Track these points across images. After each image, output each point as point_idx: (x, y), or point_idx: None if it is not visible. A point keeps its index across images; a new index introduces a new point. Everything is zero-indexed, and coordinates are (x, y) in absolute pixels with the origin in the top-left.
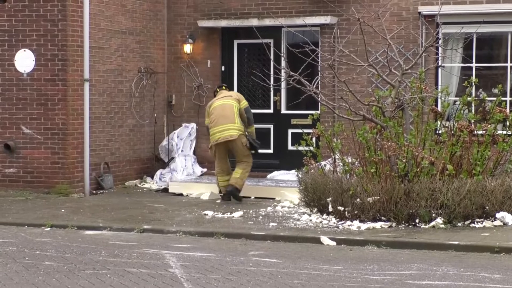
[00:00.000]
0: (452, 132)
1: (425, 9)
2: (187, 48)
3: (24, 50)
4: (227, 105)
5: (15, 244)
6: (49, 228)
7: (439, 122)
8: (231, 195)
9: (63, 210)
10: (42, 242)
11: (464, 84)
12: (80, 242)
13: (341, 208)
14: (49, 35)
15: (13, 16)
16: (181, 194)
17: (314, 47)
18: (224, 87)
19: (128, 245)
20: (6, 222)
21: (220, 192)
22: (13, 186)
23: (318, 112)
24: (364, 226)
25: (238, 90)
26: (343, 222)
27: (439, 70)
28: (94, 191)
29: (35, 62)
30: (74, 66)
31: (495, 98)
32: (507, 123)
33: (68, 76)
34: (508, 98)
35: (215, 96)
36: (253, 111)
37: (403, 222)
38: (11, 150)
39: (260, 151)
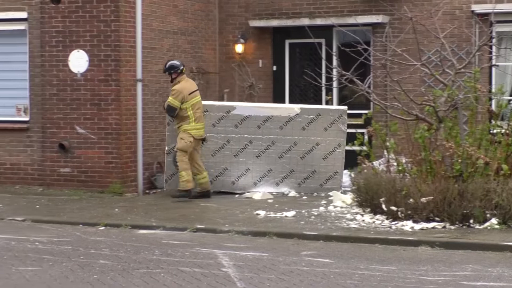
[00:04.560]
0: (507, 131)
1: (478, 8)
2: (239, 48)
3: (78, 51)
4: (201, 102)
5: (70, 243)
6: (103, 227)
7: (494, 122)
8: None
9: (116, 210)
10: (96, 241)
11: None
12: (134, 241)
13: (394, 208)
14: (102, 36)
15: (67, 17)
16: (232, 194)
17: (366, 46)
18: (184, 69)
19: (181, 244)
20: (61, 221)
21: (185, 190)
22: (67, 185)
23: (371, 111)
24: (417, 227)
25: (290, 90)
26: (396, 222)
27: (493, 69)
28: (147, 191)
29: (89, 62)
30: (127, 66)
31: None
32: None
33: (121, 76)
34: None
35: (179, 74)
36: None
37: (457, 222)
38: (65, 150)
39: None
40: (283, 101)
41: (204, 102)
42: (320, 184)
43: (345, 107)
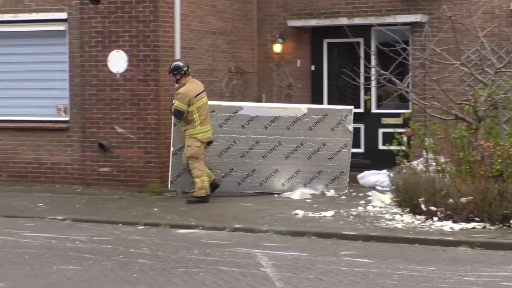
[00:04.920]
0: None
1: None
2: (277, 47)
3: (117, 51)
4: (208, 103)
5: (110, 242)
6: (142, 226)
7: None
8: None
9: (156, 209)
10: (136, 240)
11: None
12: (173, 241)
13: (433, 208)
14: (141, 36)
15: (106, 18)
16: (270, 193)
17: (404, 46)
18: (189, 70)
19: (220, 243)
20: (101, 220)
21: (201, 197)
22: (107, 185)
23: (410, 111)
24: (457, 227)
25: (328, 89)
26: (435, 222)
27: None
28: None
29: (128, 62)
30: (166, 66)
31: None
32: None
33: (160, 76)
34: None
35: (183, 75)
36: None
37: (497, 223)
38: (105, 150)
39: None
40: (321, 101)
41: (211, 102)
42: (325, 184)
43: (351, 107)
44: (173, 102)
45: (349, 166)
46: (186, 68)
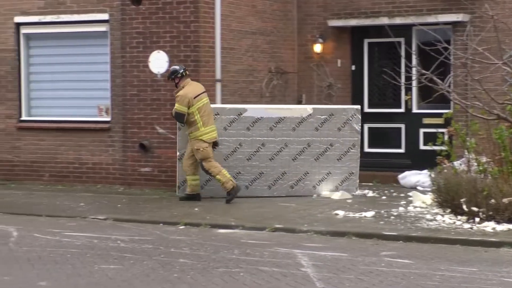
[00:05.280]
0: None
1: None
2: (317, 47)
3: (158, 52)
4: (209, 104)
5: (151, 242)
6: (183, 226)
7: None
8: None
9: (196, 209)
10: (176, 240)
11: None
12: (213, 240)
13: (475, 209)
14: (182, 36)
15: (147, 19)
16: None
17: (446, 45)
18: (187, 72)
19: (260, 244)
20: (142, 220)
21: (231, 189)
22: (148, 184)
23: (451, 111)
24: (499, 228)
25: (369, 89)
26: (477, 223)
27: None
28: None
29: (169, 63)
30: (206, 67)
31: None
32: None
33: (200, 77)
34: None
35: (181, 78)
36: (383, 110)
37: None
38: (146, 150)
39: (391, 150)
40: (361, 101)
41: (214, 105)
42: (335, 186)
43: (358, 106)
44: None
45: (359, 166)
46: (183, 70)
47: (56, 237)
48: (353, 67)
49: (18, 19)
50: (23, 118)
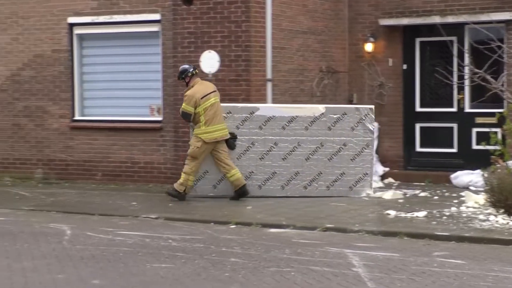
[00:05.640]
0: None
1: None
2: (368, 47)
3: (209, 52)
4: (219, 103)
5: (202, 241)
6: (234, 226)
7: None
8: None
9: (247, 208)
10: (227, 239)
11: None
12: (264, 240)
13: None
14: (233, 36)
15: (199, 19)
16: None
17: (499, 44)
18: (196, 71)
19: (311, 243)
20: (193, 219)
21: (183, 191)
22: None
23: (505, 110)
24: None
25: (421, 89)
26: None
27: None
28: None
29: (220, 63)
30: (257, 66)
31: None
32: None
33: (251, 76)
34: None
35: (191, 77)
36: (435, 109)
37: None
38: None
39: (442, 150)
40: (413, 100)
41: (226, 104)
42: (349, 186)
43: (372, 106)
44: None
45: (373, 167)
46: (192, 69)
47: (108, 236)
48: (405, 66)
49: (72, 19)
50: (76, 117)
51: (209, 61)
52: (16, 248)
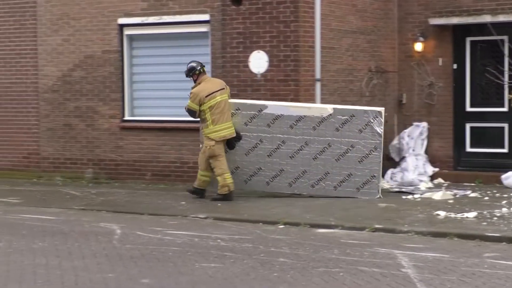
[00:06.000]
0: None
1: None
2: (418, 46)
3: (258, 52)
4: (227, 101)
5: (251, 241)
6: (282, 226)
7: None
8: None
9: (296, 209)
10: (276, 239)
11: None
12: (313, 240)
13: None
14: (281, 36)
15: (248, 19)
16: (410, 194)
17: None
18: (204, 68)
19: (360, 244)
20: (242, 219)
21: (223, 195)
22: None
23: None
24: None
25: (471, 88)
26: None
27: None
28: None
29: (269, 63)
30: (306, 66)
31: None
32: None
33: (300, 76)
34: None
35: (198, 75)
36: (486, 109)
37: None
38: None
39: (493, 150)
40: (463, 100)
41: (235, 100)
42: (356, 188)
43: (382, 108)
44: None
45: (381, 170)
46: (200, 67)
47: (158, 235)
48: (455, 66)
49: (122, 20)
50: (126, 118)
51: (258, 61)
52: (67, 247)
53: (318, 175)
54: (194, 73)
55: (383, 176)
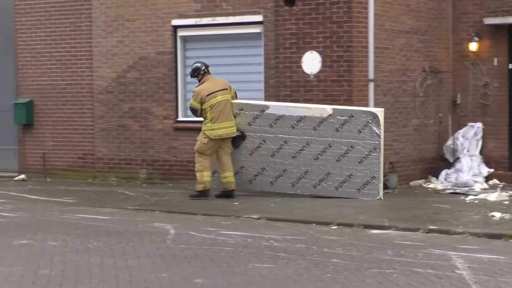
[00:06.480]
0: None
1: None
2: (473, 46)
3: (311, 52)
4: (228, 101)
5: (304, 241)
6: (335, 226)
7: None
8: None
9: (349, 210)
10: (329, 240)
11: None
12: (366, 241)
13: None
14: (334, 37)
15: (301, 20)
16: (465, 195)
17: None
18: (208, 68)
19: (414, 245)
20: (295, 220)
21: (203, 189)
22: None
23: None
24: None
25: None
26: None
27: None
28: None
29: (321, 63)
30: (359, 67)
31: None
32: None
33: (353, 77)
34: None
35: (203, 75)
36: None
37: None
38: None
39: None
40: None
41: (239, 101)
42: (357, 189)
43: (381, 109)
44: None
45: (381, 170)
46: (204, 67)
47: (211, 236)
48: (510, 66)
49: (175, 22)
50: (180, 118)
51: (311, 62)
52: (121, 247)
53: (319, 176)
54: (198, 73)
55: (437, 177)
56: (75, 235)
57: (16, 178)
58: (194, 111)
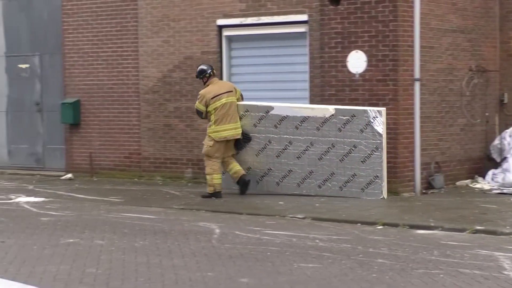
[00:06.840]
0: None
1: None
2: None
3: (356, 52)
4: (233, 103)
5: (349, 241)
6: (381, 226)
7: None
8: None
9: (394, 209)
10: (374, 240)
11: None
12: (412, 241)
13: None
14: (380, 36)
15: (346, 19)
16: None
17: None
18: (214, 71)
19: (460, 245)
20: (340, 219)
21: (214, 191)
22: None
23: None
24: None
25: None
26: None
27: None
28: (424, 191)
29: (367, 63)
30: (405, 66)
31: None
32: None
33: (399, 76)
34: None
35: (208, 78)
36: None
37: None
38: None
39: None
40: None
41: (244, 102)
42: (361, 188)
43: (382, 108)
44: None
45: (384, 170)
46: (210, 70)
47: (256, 235)
48: None
49: (221, 21)
50: None
51: (356, 61)
52: (167, 246)
53: (324, 176)
54: (204, 76)
55: (483, 176)
56: (122, 234)
57: (63, 177)
58: (199, 113)
